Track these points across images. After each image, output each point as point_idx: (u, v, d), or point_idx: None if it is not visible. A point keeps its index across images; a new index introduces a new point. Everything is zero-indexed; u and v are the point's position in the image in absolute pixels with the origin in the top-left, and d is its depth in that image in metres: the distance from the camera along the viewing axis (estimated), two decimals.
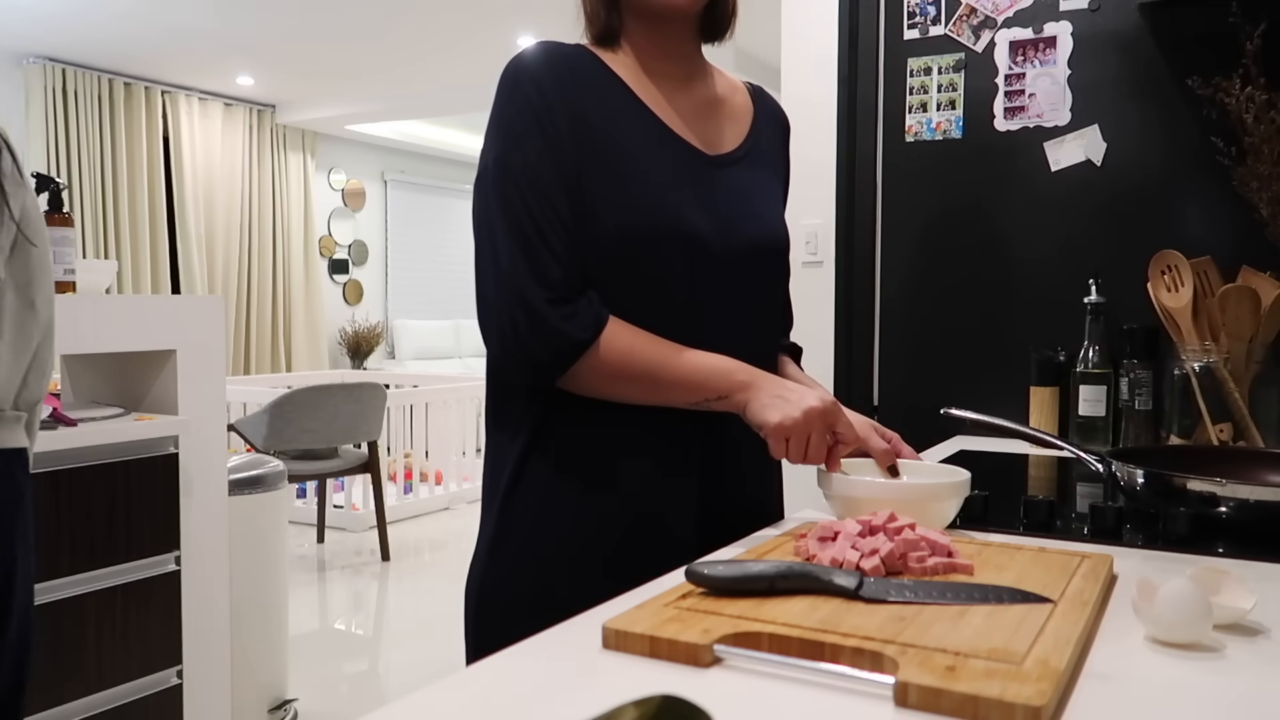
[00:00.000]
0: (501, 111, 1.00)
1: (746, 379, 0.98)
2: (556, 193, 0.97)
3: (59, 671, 1.80)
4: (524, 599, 1.01)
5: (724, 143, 1.10)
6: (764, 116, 1.17)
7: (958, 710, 0.56)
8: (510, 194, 0.97)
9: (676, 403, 0.99)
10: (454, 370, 8.39)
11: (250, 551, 2.45)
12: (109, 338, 1.94)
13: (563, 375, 0.97)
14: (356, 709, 2.95)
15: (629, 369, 0.97)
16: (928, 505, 0.97)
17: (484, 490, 1.08)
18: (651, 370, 0.97)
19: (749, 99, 1.18)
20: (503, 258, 0.97)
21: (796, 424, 0.94)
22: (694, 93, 1.10)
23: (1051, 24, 1.80)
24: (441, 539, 5.03)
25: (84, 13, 5.18)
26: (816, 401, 0.95)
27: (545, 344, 0.95)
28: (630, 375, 0.97)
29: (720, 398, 0.98)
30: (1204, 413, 1.54)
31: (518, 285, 0.95)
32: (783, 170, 1.21)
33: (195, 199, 6.97)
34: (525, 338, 0.95)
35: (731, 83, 1.17)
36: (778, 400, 0.96)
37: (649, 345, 0.98)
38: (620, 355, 0.96)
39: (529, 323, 0.95)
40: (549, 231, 0.96)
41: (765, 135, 1.16)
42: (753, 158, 1.12)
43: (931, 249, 1.92)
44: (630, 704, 0.47)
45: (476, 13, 5.07)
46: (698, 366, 0.98)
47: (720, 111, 1.12)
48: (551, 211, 0.96)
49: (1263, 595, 0.79)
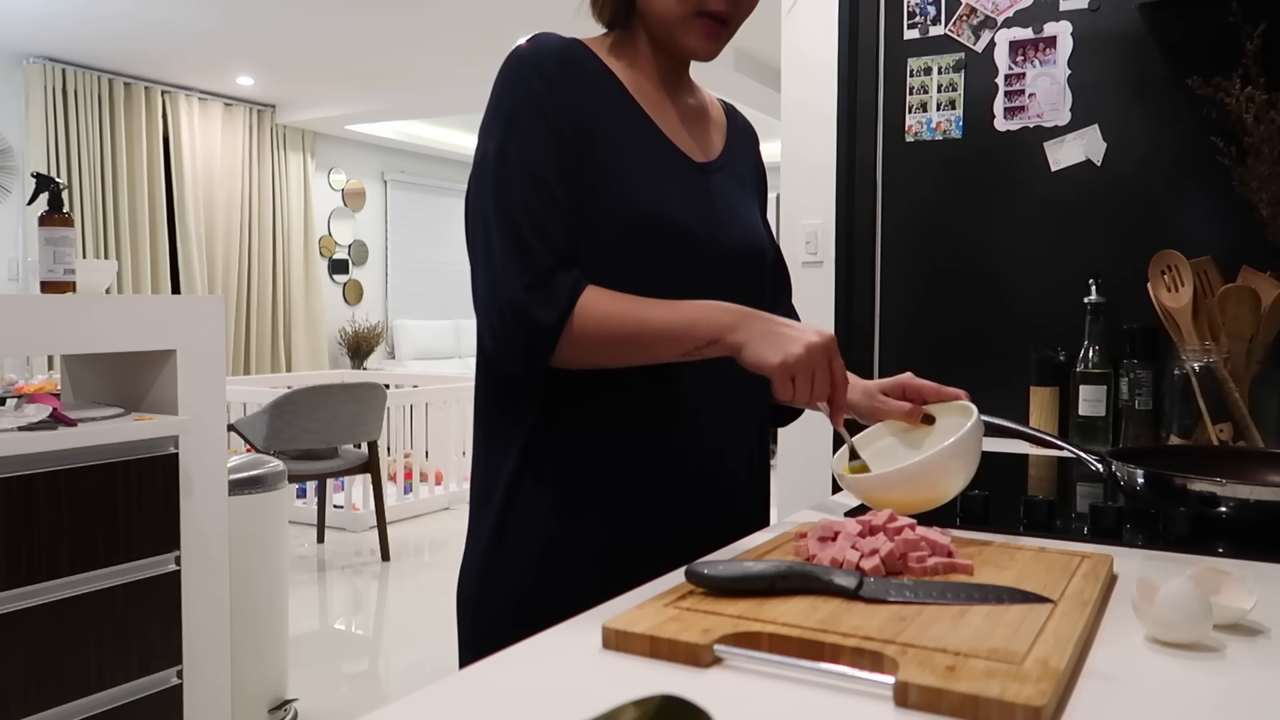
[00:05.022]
0: (501, 100, 0.99)
1: (734, 319, 0.94)
2: (555, 180, 0.96)
3: (59, 671, 1.80)
4: (517, 606, 1.01)
5: (709, 150, 1.12)
6: (736, 130, 1.20)
7: (958, 710, 0.56)
8: (507, 181, 0.96)
9: (669, 358, 0.96)
10: (454, 370, 8.38)
11: (250, 551, 2.45)
12: (109, 338, 1.94)
13: (549, 355, 0.95)
14: (356, 709, 2.95)
15: (611, 332, 0.94)
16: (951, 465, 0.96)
17: (473, 496, 1.08)
18: (633, 329, 0.94)
19: (722, 113, 1.20)
20: (494, 251, 0.96)
21: (800, 361, 0.90)
22: (681, 100, 1.12)
23: (1051, 24, 1.80)
24: (441, 539, 5.03)
25: (84, 13, 5.18)
26: (815, 335, 0.92)
27: (525, 330, 0.93)
28: (614, 338, 0.95)
29: (710, 342, 0.94)
30: (1204, 413, 1.54)
31: (504, 277, 0.94)
32: (758, 181, 1.22)
33: (195, 199, 6.96)
34: (510, 329, 0.94)
35: (709, 96, 1.20)
36: (775, 338, 0.92)
37: (628, 305, 0.95)
38: (599, 320, 0.94)
39: (511, 313, 0.94)
40: (545, 217, 0.95)
41: (739, 148, 1.18)
42: (730, 169, 1.14)
43: (931, 249, 1.92)
44: (630, 704, 0.47)
45: (476, 13, 5.07)
46: (680, 315, 0.94)
47: (704, 120, 1.14)
48: (549, 198, 0.96)
49: (1263, 595, 0.79)
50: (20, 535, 1.73)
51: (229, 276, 7.23)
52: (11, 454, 1.70)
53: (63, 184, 2.06)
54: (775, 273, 1.20)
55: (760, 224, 1.18)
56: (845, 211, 2.00)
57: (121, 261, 6.44)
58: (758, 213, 1.19)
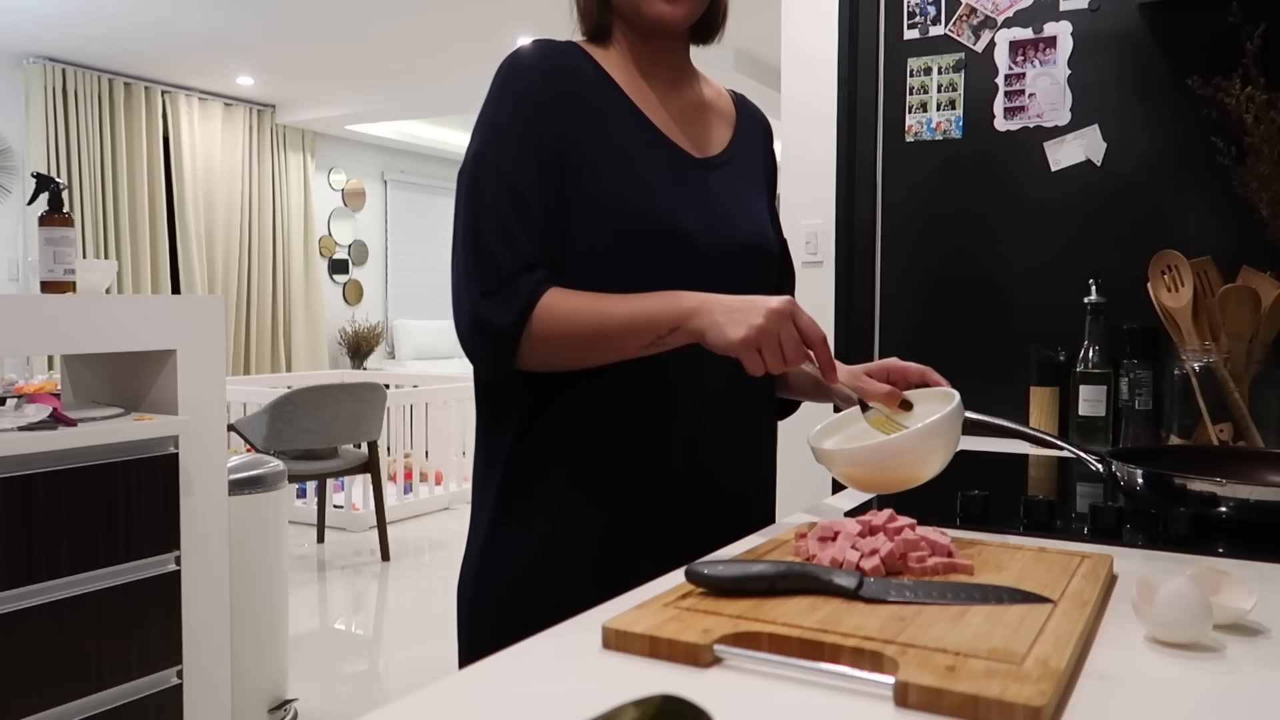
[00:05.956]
0: (488, 108, 1.01)
1: (693, 304, 0.93)
2: (531, 191, 0.96)
3: (59, 671, 1.80)
4: (516, 605, 1.01)
5: (711, 145, 1.11)
6: (746, 121, 1.18)
7: (958, 710, 0.56)
8: (481, 190, 0.97)
9: (635, 351, 0.95)
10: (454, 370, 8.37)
11: (250, 551, 2.45)
12: (109, 338, 1.94)
13: (512, 358, 0.96)
14: (356, 709, 2.95)
15: (573, 331, 0.94)
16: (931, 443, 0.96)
17: (474, 494, 1.08)
18: (596, 325, 0.94)
19: (731, 104, 1.18)
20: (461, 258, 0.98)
21: (762, 330, 0.88)
22: (682, 96, 1.11)
23: (1051, 24, 1.80)
24: (441, 539, 5.03)
25: (84, 13, 5.18)
26: (773, 302, 0.90)
27: (485, 335, 0.95)
28: (577, 337, 0.95)
29: (673, 330, 0.93)
30: (1204, 413, 1.54)
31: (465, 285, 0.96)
32: (768, 173, 1.21)
33: (195, 199, 6.96)
34: (474, 336, 0.96)
35: (716, 88, 1.18)
36: (733, 315, 0.90)
37: (589, 302, 0.95)
38: (561, 320, 0.94)
39: (470, 321, 0.95)
40: (514, 226, 0.95)
41: (748, 139, 1.17)
42: (738, 161, 1.13)
43: (931, 249, 1.92)
44: (630, 704, 0.47)
45: (476, 13, 5.07)
46: (640, 306, 0.94)
47: (707, 114, 1.13)
48: (522, 208, 0.96)
49: (1263, 595, 0.79)
50: (20, 535, 1.73)
51: (229, 276, 7.23)
52: (11, 454, 1.71)
53: (63, 184, 2.06)
54: (779, 267, 1.19)
55: (767, 218, 1.16)
56: (845, 211, 2.00)
57: (121, 261, 6.44)
58: (765, 207, 1.17)
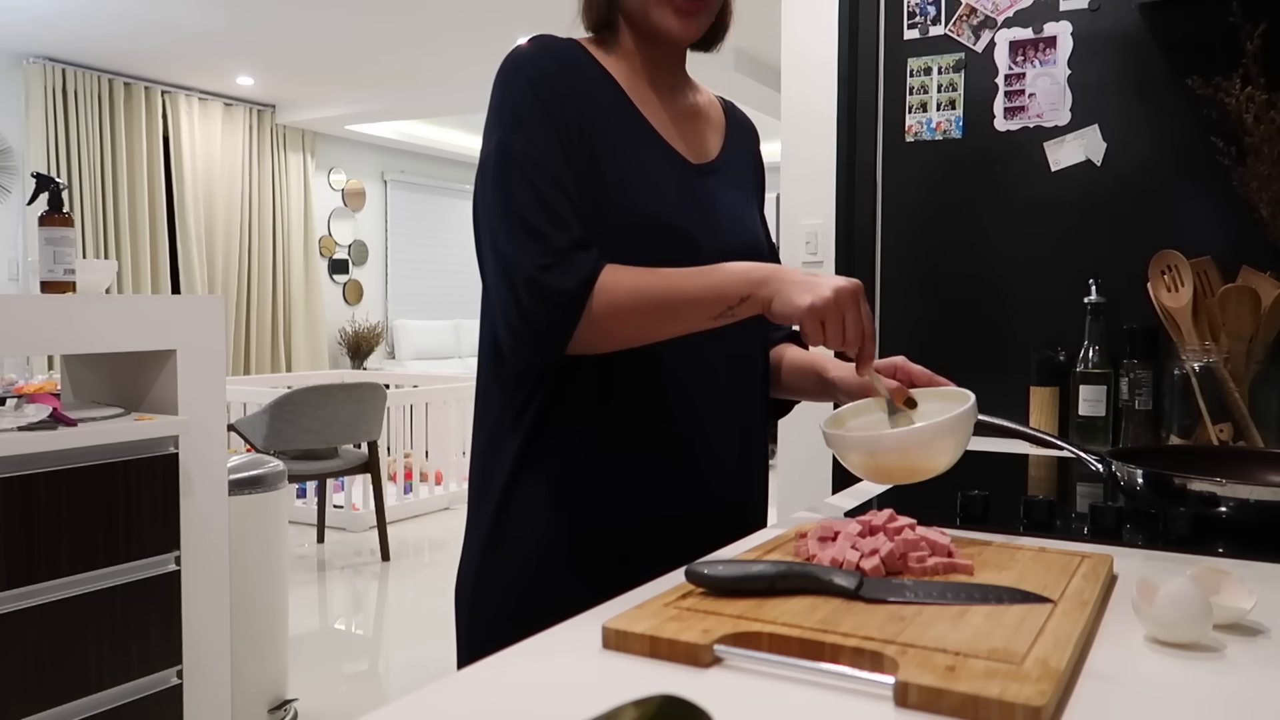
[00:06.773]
0: (503, 99, 0.99)
1: (764, 274, 0.94)
2: (564, 175, 0.95)
3: (59, 671, 1.80)
4: (515, 605, 1.01)
5: (705, 151, 1.11)
6: (735, 128, 1.19)
7: (958, 710, 0.56)
8: (513, 177, 0.95)
9: (703, 322, 0.96)
10: (454, 370, 8.38)
11: (250, 551, 2.45)
12: (109, 338, 1.94)
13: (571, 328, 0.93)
14: (356, 709, 2.95)
15: (641, 300, 0.94)
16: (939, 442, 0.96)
17: (471, 496, 1.08)
18: (663, 296, 0.94)
19: (721, 111, 1.19)
20: (500, 241, 0.94)
21: (829, 303, 0.91)
22: (678, 102, 1.11)
23: (1051, 24, 1.80)
24: (441, 539, 5.03)
25: (84, 13, 5.18)
26: (843, 281, 0.92)
27: (547, 303, 0.92)
28: (645, 306, 0.94)
29: (743, 300, 0.94)
30: (1204, 413, 1.54)
31: (517, 264, 0.93)
32: (757, 180, 1.22)
33: (195, 199, 6.96)
34: (527, 309, 0.92)
35: (707, 94, 1.19)
36: (803, 284, 0.92)
37: (652, 276, 0.95)
38: (628, 290, 0.94)
39: (529, 291, 0.92)
40: (558, 207, 0.94)
41: (738, 147, 1.17)
42: (729, 168, 1.14)
43: (931, 249, 1.92)
44: (630, 704, 0.47)
45: (477, 13, 5.07)
46: (710, 278, 0.95)
47: (700, 121, 1.14)
48: (559, 190, 0.95)
49: (1263, 595, 0.79)
50: (20, 535, 1.73)
51: (229, 276, 7.23)
52: (11, 454, 1.71)
53: (63, 184, 2.06)
54: None
55: (759, 225, 1.18)
56: (845, 211, 2.00)
57: (121, 261, 6.44)
58: (756, 214, 1.18)
